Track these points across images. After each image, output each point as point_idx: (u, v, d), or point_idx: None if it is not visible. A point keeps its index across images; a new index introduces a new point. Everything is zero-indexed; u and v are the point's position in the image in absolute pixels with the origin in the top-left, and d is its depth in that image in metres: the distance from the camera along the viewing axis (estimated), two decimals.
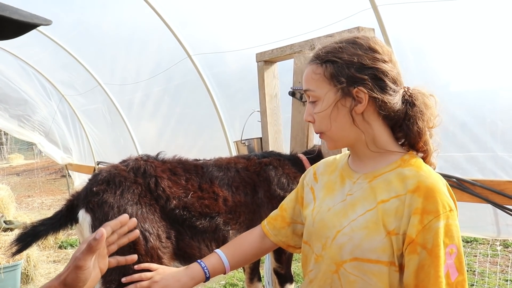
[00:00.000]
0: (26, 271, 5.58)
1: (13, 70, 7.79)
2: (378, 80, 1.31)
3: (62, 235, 7.36)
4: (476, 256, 5.45)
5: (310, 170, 1.63)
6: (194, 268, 1.55)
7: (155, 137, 6.08)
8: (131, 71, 5.62)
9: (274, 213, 1.68)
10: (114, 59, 5.82)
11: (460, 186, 3.06)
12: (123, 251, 1.75)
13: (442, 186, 1.25)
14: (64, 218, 1.88)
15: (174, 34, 4.54)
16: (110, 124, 6.72)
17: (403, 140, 1.40)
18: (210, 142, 5.02)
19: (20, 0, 4.75)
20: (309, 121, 1.40)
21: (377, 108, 1.32)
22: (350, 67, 1.30)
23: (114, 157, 7.05)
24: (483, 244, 5.94)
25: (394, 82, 1.33)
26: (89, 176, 5.99)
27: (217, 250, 1.60)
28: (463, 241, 5.39)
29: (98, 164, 7.41)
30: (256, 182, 2.16)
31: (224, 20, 4.33)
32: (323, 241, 1.39)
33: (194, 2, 4.31)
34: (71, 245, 7.19)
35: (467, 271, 4.88)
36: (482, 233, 3.51)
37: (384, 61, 1.32)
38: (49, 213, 8.17)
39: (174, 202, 1.90)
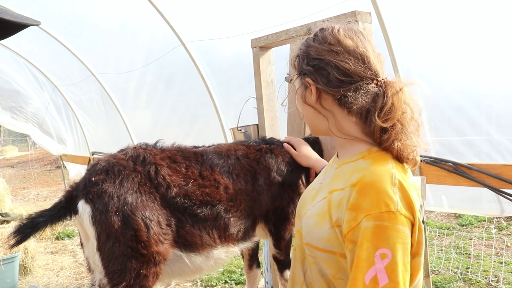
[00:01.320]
0: (24, 262, 5.58)
1: (3, 61, 7.71)
2: (322, 71, 1.29)
3: (59, 226, 7.35)
4: (471, 239, 5.49)
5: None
6: None
7: (150, 125, 6.05)
8: (124, 59, 5.57)
9: None
10: (107, 48, 5.76)
11: (456, 170, 3.07)
12: (125, 239, 1.75)
13: (387, 184, 1.16)
14: (63, 210, 1.86)
15: (167, 21, 4.49)
16: (104, 113, 6.68)
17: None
18: (205, 129, 5.00)
19: None
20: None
21: (335, 100, 1.29)
22: (304, 59, 1.34)
23: (109, 147, 7.02)
24: (478, 227, 5.98)
25: (346, 75, 1.26)
26: (85, 166, 5.99)
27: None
28: (458, 224, 5.42)
29: (93, 154, 7.38)
30: (256, 169, 2.15)
31: (218, 7, 4.29)
32: (300, 220, 1.42)
33: None
34: (68, 236, 7.19)
35: (462, 254, 4.95)
36: (481, 211, 3.53)
37: (337, 53, 1.27)
38: (45, 205, 8.17)
39: (175, 190, 1.89)
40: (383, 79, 1.28)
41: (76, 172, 8.70)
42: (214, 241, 1.97)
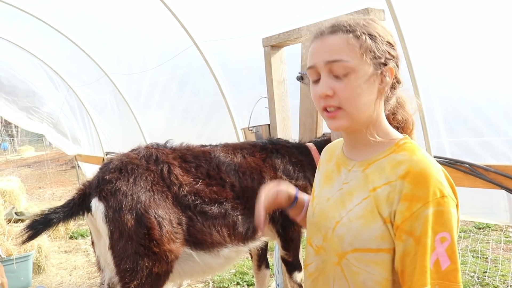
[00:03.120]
0: (37, 261, 5.62)
1: (20, 62, 7.80)
2: (399, 61, 1.29)
3: (72, 226, 7.40)
4: (489, 242, 5.38)
5: (319, 161, 1.59)
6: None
7: (163, 126, 6.05)
8: (137, 60, 5.58)
9: None
10: (120, 48, 5.78)
11: (473, 172, 3.00)
12: (138, 238, 1.73)
13: (436, 171, 1.19)
14: (76, 207, 1.85)
15: (179, 21, 4.48)
16: (117, 114, 6.71)
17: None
18: (218, 129, 4.97)
19: None
20: (327, 95, 1.26)
21: (387, 90, 1.29)
22: (385, 44, 1.25)
23: (122, 147, 7.01)
24: (496, 230, 5.86)
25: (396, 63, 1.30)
26: (99, 166, 5.98)
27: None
28: (474, 227, 5.32)
29: (107, 155, 7.42)
30: (262, 168, 2.13)
31: (230, 7, 4.27)
32: (323, 232, 1.36)
33: None
34: (82, 236, 7.23)
35: (479, 257, 4.85)
36: (496, 219, 3.45)
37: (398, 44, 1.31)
38: (59, 204, 8.22)
39: (187, 188, 1.88)
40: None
41: (92, 172, 8.75)
42: (224, 239, 1.96)
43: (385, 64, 1.25)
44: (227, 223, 1.98)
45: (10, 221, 6.16)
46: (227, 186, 2.01)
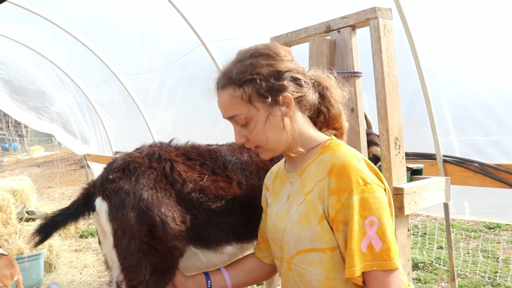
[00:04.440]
0: (48, 260, 5.68)
1: (30, 63, 7.86)
2: (295, 80, 1.35)
3: (82, 225, 7.46)
4: (499, 243, 5.34)
5: (263, 184, 1.74)
6: (200, 279, 1.75)
7: (171, 126, 6.07)
8: (145, 60, 5.61)
9: (258, 238, 1.80)
10: (128, 49, 5.80)
11: (483, 171, 2.98)
12: (140, 235, 1.74)
13: (356, 162, 1.28)
14: (81, 207, 1.86)
15: (187, 21, 4.49)
16: (126, 114, 6.74)
17: (323, 125, 1.49)
18: (226, 130, 4.93)
19: None
20: (243, 142, 1.43)
21: (298, 105, 1.39)
22: (269, 79, 1.31)
23: (131, 147, 7.05)
24: (507, 230, 5.82)
25: (304, 75, 1.39)
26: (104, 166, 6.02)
27: (222, 269, 1.76)
28: (485, 227, 5.28)
29: (116, 154, 7.45)
30: (269, 167, 2.12)
31: (238, 7, 4.27)
32: (278, 244, 1.48)
33: None
34: (92, 235, 7.27)
35: (490, 257, 4.81)
36: (507, 219, 3.43)
37: (291, 61, 1.37)
38: (68, 204, 8.28)
39: (190, 185, 1.87)
40: (308, 75, 1.43)
41: (100, 172, 8.81)
42: (229, 237, 1.95)
43: (278, 95, 1.32)
44: (233, 221, 1.97)
45: (21, 220, 6.21)
46: (234, 184, 2.00)
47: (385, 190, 1.30)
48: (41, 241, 1.81)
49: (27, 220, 6.55)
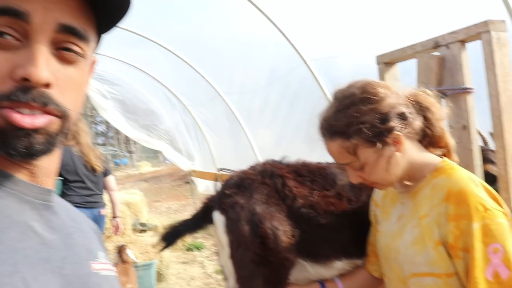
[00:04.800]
0: (159, 270, 6.02)
1: (141, 84, 8.47)
2: (400, 115, 1.36)
3: (189, 239, 7.82)
4: None
5: (372, 199, 1.76)
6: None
7: (273, 143, 6.19)
8: (249, 79, 5.79)
9: (368, 250, 1.81)
10: (232, 69, 6.04)
11: None
12: (253, 247, 1.82)
13: (474, 187, 1.27)
14: (201, 219, 2.00)
15: (289, 40, 4.59)
16: (229, 132, 6.98)
17: (428, 145, 1.48)
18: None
19: (142, 17, 5.16)
20: (360, 182, 1.47)
21: (406, 137, 1.39)
22: (375, 124, 1.33)
23: (234, 164, 7.29)
24: None
25: (407, 106, 1.39)
26: (212, 182, 6.34)
27: (337, 279, 1.81)
28: None
29: (220, 171, 7.73)
30: None
31: (339, 25, 4.29)
32: (389, 264, 1.52)
33: (308, 9, 4.33)
34: (197, 248, 7.59)
35: None
36: None
37: (391, 97, 1.36)
38: (176, 217, 8.75)
39: (301, 201, 1.93)
40: (408, 98, 1.43)
41: (204, 187, 9.17)
42: (338, 253, 1.96)
43: (387, 137, 1.34)
44: (343, 237, 1.98)
45: (135, 231, 6.65)
46: (344, 200, 2.02)
47: (505, 215, 1.27)
48: (165, 248, 1.98)
49: (140, 231, 7.02)
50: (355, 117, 1.34)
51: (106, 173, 4.93)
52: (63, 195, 4.32)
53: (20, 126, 0.67)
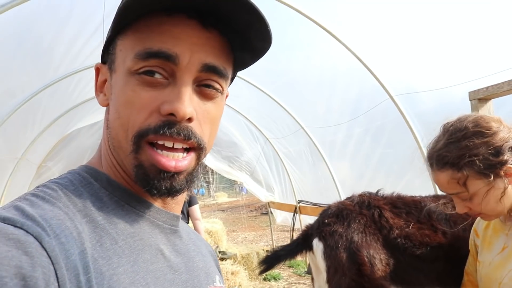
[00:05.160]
0: None
1: (224, 117, 8.83)
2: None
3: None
4: None
5: (472, 229, 1.76)
6: None
7: (355, 176, 6.20)
8: (333, 113, 5.90)
9: (464, 280, 1.80)
10: (316, 103, 6.19)
11: None
12: (350, 273, 1.90)
13: None
14: (300, 246, 2.14)
15: (374, 76, 4.67)
16: (311, 164, 7.08)
17: None
18: (413, 182, 4.92)
19: None
20: (465, 212, 1.49)
21: None
22: (487, 157, 1.36)
23: (314, 196, 7.38)
24: None
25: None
26: (291, 214, 6.43)
27: None
28: None
29: (299, 203, 7.81)
30: (474, 219, 2.13)
31: (426, 60, 4.31)
32: None
33: (394, 44, 4.40)
34: (274, 278, 7.64)
35: None
36: None
37: (503, 131, 1.40)
38: (252, 247, 8.83)
39: (396, 231, 2.01)
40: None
41: (282, 219, 9.28)
42: (432, 282, 2.00)
43: (499, 170, 1.36)
44: (437, 268, 2.02)
45: None
46: (438, 232, 2.07)
47: None
48: (265, 270, 2.13)
49: (220, 259, 7.22)
50: (468, 150, 1.39)
51: (191, 203, 5.17)
52: None
53: (165, 169, 0.74)
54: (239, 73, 6.12)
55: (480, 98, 3.03)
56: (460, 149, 1.41)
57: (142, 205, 0.76)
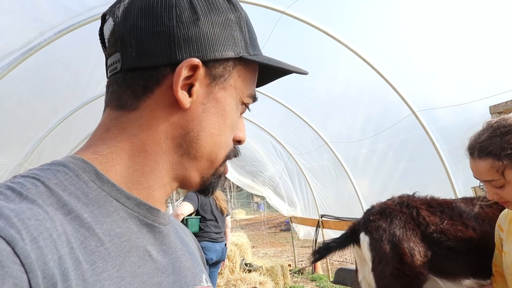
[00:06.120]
0: None
1: (248, 133, 9.11)
2: None
3: (290, 281, 8.10)
4: None
5: (497, 224, 1.99)
6: None
7: (378, 191, 6.40)
8: (356, 129, 6.14)
9: (493, 271, 2.03)
10: (341, 119, 6.45)
11: None
12: (393, 262, 2.18)
13: None
14: (348, 239, 2.44)
15: (397, 92, 4.91)
16: (334, 179, 7.30)
17: None
18: (436, 194, 5.12)
19: None
20: (494, 199, 1.72)
21: None
22: None
23: (337, 211, 7.59)
24: None
25: None
26: (313, 228, 6.68)
27: None
28: None
29: (322, 217, 8.03)
30: (497, 217, 2.39)
31: (446, 76, 4.54)
32: None
33: (417, 61, 4.65)
34: None
35: None
36: None
37: None
38: (277, 260, 9.00)
39: (432, 227, 2.29)
40: None
41: (305, 233, 9.49)
42: (465, 273, 2.26)
43: None
44: (469, 259, 2.28)
45: (242, 270, 7.08)
46: (469, 229, 2.34)
47: None
48: (316, 260, 2.42)
49: (246, 271, 7.45)
50: (509, 143, 1.63)
51: (226, 214, 5.61)
52: (201, 231, 5.01)
53: (225, 174, 0.86)
54: (264, 91, 6.38)
55: (500, 111, 3.29)
56: (503, 142, 1.65)
57: (132, 202, 0.72)
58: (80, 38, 4.19)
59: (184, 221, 4.89)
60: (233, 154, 0.84)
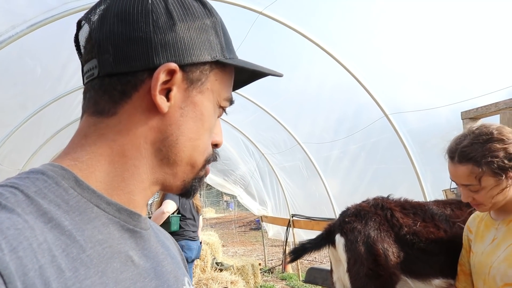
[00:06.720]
0: None
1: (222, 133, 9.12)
2: None
3: (261, 280, 8.14)
4: None
5: (466, 226, 2.08)
6: None
7: (349, 191, 6.50)
8: (329, 131, 6.22)
9: (458, 270, 2.11)
10: (313, 120, 6.52)
11: None
12: (368, 263, 2.22)
13: None
14: (324, 240, 2.47)
15: (370, 94, 4.99)
16: (306, 179, 7.38)
17: None
18: (406, 196, 5.24)
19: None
20: (468, 202, 1.80)
21: None
22: (503, 161, 1.68)
23: (308, 210, 7.67)
24: None
25: None
26: (283, 227, 6.75)
27: None
28: None
29: (293, 217, 8.10)
30: (467, 219, 2.49)
31: (416, 81, 4.66)
32: (482, 277, 1.83)
33: (389, 64, 4.73)
34: None
35: None
36: None
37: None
38: (247, 259, 9.03)
39: (406, 229, 2.36)
40: None
41: (274, 232, 9.55)
42: (436, 273, 2.34)
43: (508, 172, 1.68)
44: (440, 260, 2.36)
45: (212, 269, 7.08)
46: (441, 230, 2.42)
47: None
48: (294, 260, 2.45)
49: (216, 270, 7.45)
50: (490, 151, 1.70)
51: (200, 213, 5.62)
52: (181, 229, 5.00)
53: (206, 176, 0.86)
54: (238, 89, 6.45)
55: (471, 117, 3.39)
56: (483, 150, 1.71)
57: (112, 208, 0.72)
58: (53, 32, 4.11)
59: (168, 219, 4.85)
60: (213, 158, 0.85)
